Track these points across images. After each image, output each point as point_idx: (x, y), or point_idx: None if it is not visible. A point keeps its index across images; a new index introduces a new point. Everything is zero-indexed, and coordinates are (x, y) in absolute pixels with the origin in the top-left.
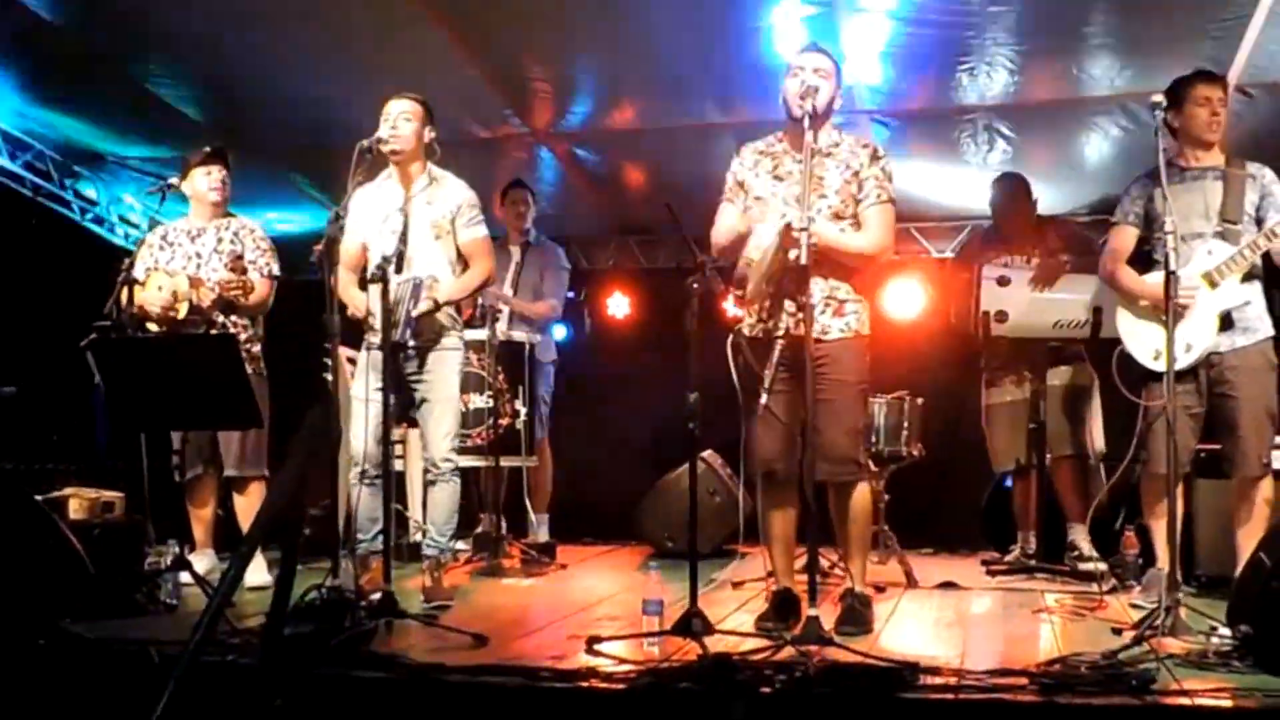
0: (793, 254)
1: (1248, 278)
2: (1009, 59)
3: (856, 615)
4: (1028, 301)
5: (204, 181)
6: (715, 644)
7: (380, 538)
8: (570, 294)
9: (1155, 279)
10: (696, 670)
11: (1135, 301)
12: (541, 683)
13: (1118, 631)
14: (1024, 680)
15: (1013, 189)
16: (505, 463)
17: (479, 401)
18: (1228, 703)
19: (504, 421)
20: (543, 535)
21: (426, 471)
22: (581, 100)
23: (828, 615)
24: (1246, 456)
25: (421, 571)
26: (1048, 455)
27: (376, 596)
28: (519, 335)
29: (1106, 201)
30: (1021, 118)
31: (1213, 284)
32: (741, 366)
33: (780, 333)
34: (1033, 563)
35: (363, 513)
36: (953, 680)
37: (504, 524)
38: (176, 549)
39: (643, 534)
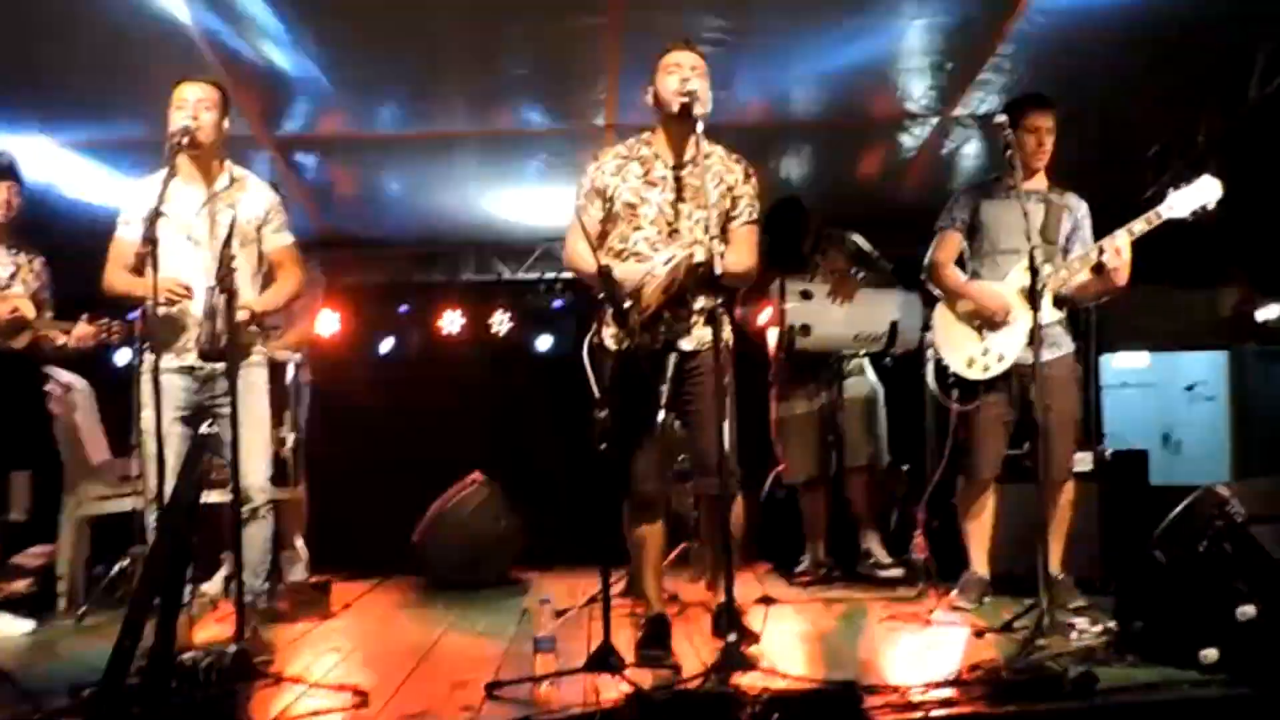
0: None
1: (1058, 302)
2: None
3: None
4: (830, 315)
5: None
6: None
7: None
8: None
9: (982, 285)
10: (659, 708)
11: (956, 305)
12: None
13: (981, 634)
14: (957, 692)
15: (800, 208)
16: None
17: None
18: (1163, 696)
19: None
20: (299, 573)
21: (240, 506)
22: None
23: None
24: (1053, 460)
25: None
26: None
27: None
28: (281, 354)
29: None
30: None
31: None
32: (616, 380)
33: (666, 345)
34: (835, 573)
35: None
36: (895, 698)
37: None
38: None
39: (423, 565)
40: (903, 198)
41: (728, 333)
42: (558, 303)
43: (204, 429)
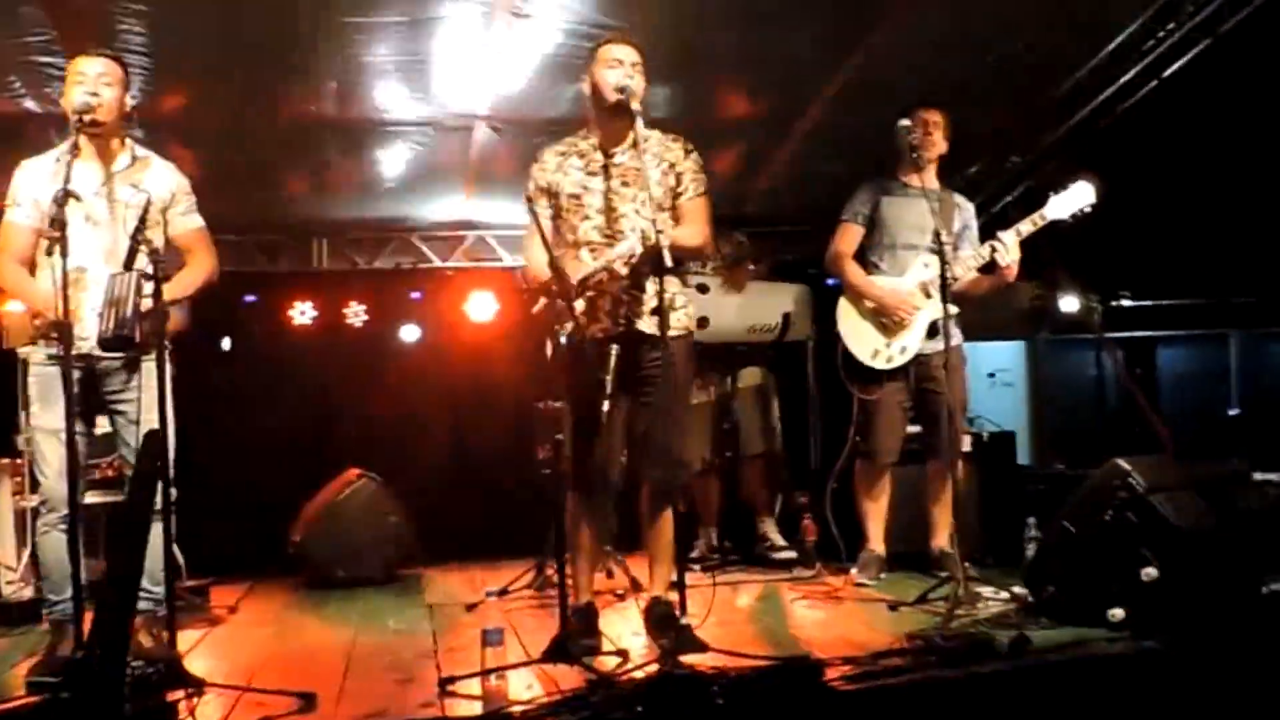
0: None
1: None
2: None
3: (674, 620)
4: (725, 307)
5: None
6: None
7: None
8: None
9: (883, 282)
10: (642, 691)
11: (860, 301)
12: None
13: (894, 608)
14: (907, 660)
15: None
16: None
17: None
18: (1084, 653)
19: None
20: None
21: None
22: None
23: (623, 625)
24: (944, 442)
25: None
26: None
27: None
28: None
29: None
30: None
31: (927, 295)
32: (570, 370)
33: (619, 331)
34: (733, 557)
35: (57, 568)
36: (849, 670)
37: None
38: None
39: (304, 564)
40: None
41: (686, 316)
42: (416, 294)
43: (102, 427)
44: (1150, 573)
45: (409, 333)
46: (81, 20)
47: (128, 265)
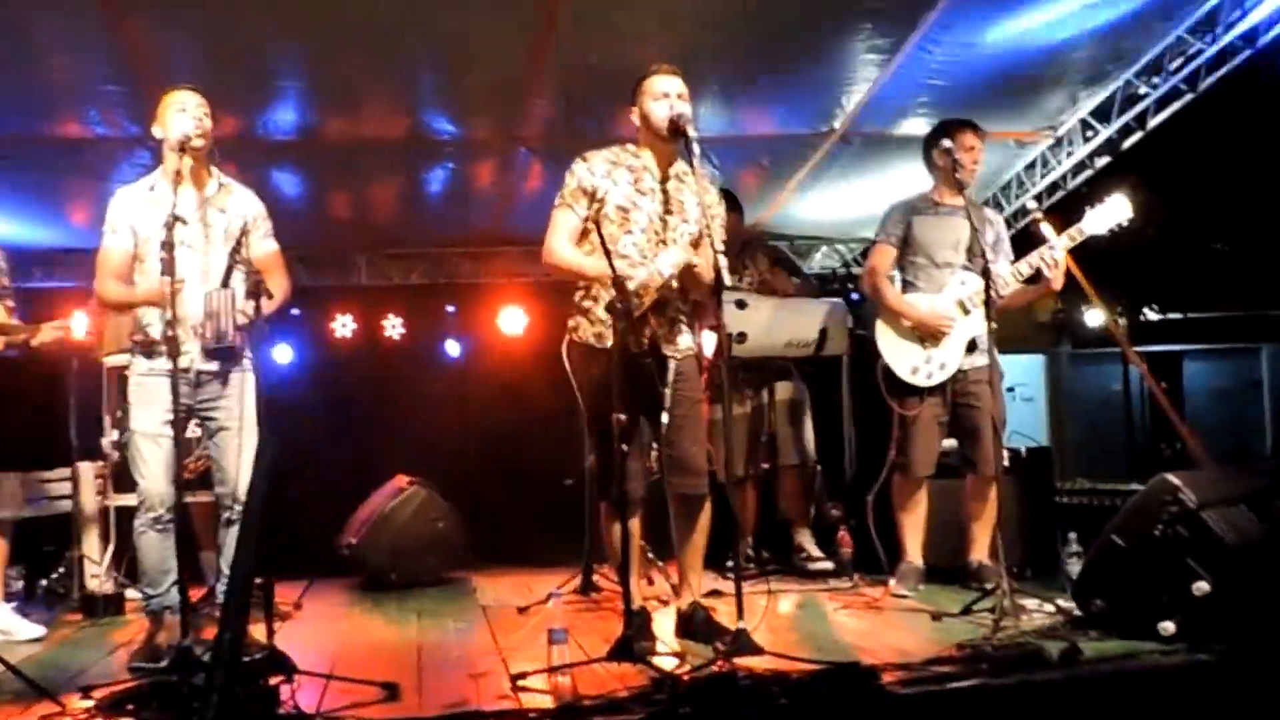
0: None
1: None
2: None
3: (714, 625)
4: (764, 323)
5: None
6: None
7: (175, 589)
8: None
9: (921, 300)
10: (707, 691)
11: (899, 320)
12: None
13: (937, 618)
14: (959, 668)
15: (735, 207)
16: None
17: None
18: (1135, 665)
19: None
20: None
21: (223, 509)
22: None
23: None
24: (986, 459)
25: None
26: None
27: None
28: None
29: None
30: None
31: (965, 311)
32: (599, 381)
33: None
34: (769, 567)
35: (153, 563)
36: (904, 675)
37: None
38: None
39: (361, 565)
40: None
41: (689, 340)
42: (451, 308)
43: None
44: (1202, 587)
45: (446, 345)
46: (148, 51)
47: (225, 283)
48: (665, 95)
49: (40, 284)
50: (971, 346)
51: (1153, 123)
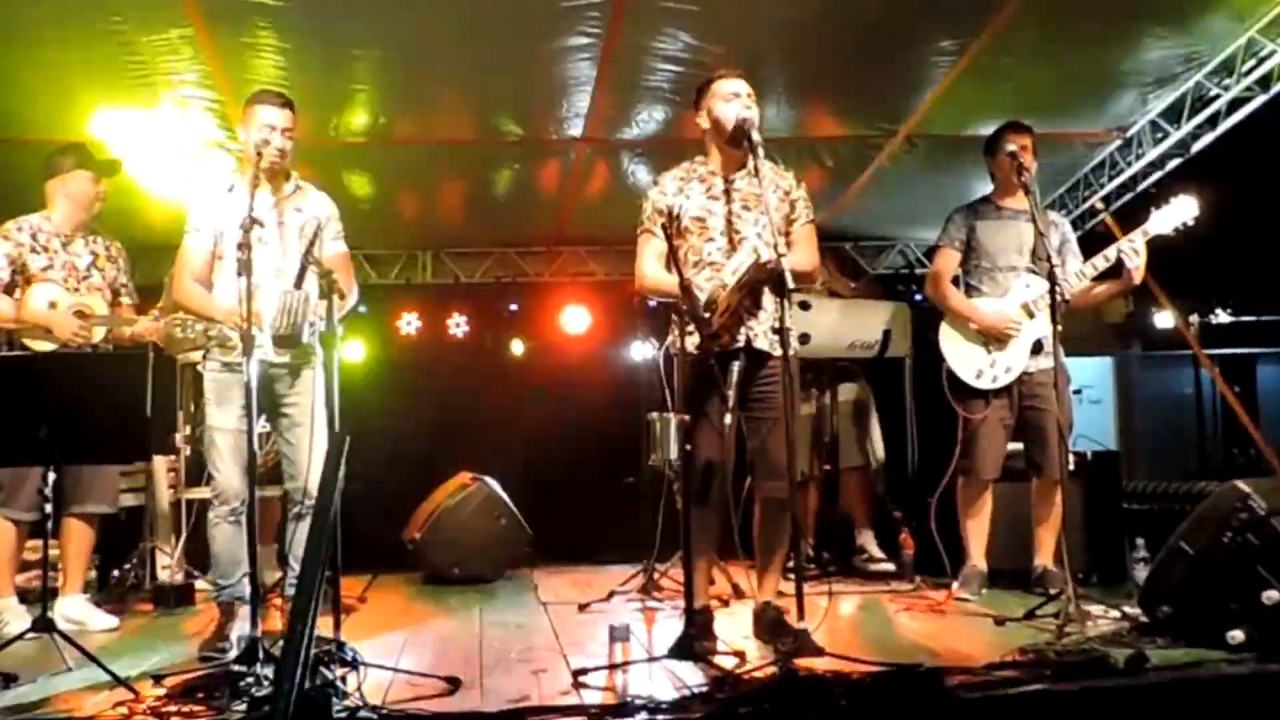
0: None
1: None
2: None
3: (781, 625)
4: (828, 324)
5: (90, 189)
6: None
7: (245, 581)
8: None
9: (985, 304)
10: (767, 690)
11: (964, 323)
12: (607, 718)
13: (1000, 622)
14: (1022, 672)
15: None
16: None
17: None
18: (1202, 674)
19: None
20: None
21: (293, 504)
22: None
23: (732, 629)
24: (1052, 461)
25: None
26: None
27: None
28: None
29: None
30: None
31: (1030, 315)
32: (692, 383)
33: (739, 346)
34: (831, 568)
35: (226, 555)
36: (967, 678)
37: None
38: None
39: (424, 560)
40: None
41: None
42: (513, 306)
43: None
44: (1272, 595)
45: (509, 343)
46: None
47: (298, 283)
48: (735, 96)
49: None
50: (1037, 349)
51: (1225, 124)
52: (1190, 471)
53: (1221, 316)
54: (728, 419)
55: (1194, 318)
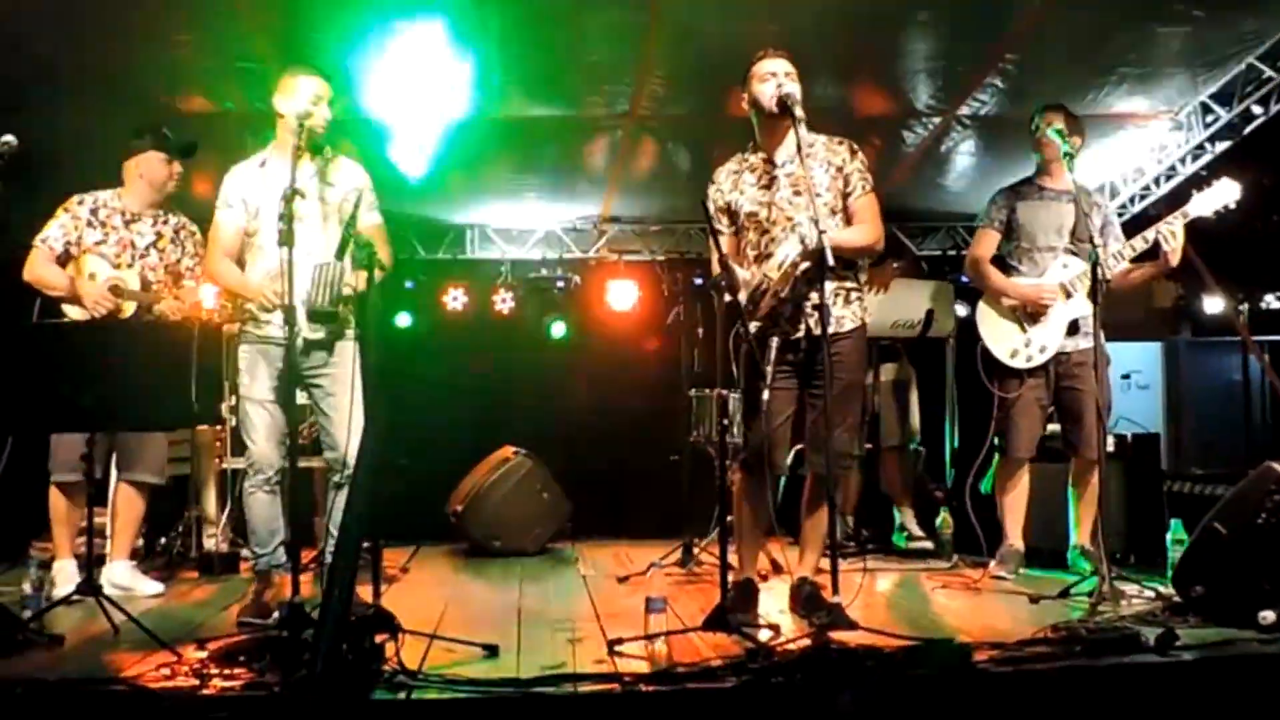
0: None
1: (1091, 293)
2: None
3: (817, 599)
4: (869, 304)
5: (163, 170)
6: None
7: (282, 549)
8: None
9: (1023, 282)
10: (799, 661)
11: (999, 301)
12: (640, 686)
13: (1035, 600)
14: (1053, 648)
15: None
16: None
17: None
18: (1232, 652)
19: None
20: None
21: (333, 473)
22: None
23: (769, 603)
24: (1089, 441)
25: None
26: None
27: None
28: None
29: None
30: None
31: (1067, 295)
32: (748, 361)
33: (797, 332)
34: (870, 546)
35: (262, 524)
36: (997, 654)
37: None
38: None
39: (466, 534)
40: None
41: (861, 309)
42: (560, 284)
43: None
44: None
45: (554, 320)
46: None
47: (339, 255)
48: (772, 75)
49: None
50: (1074, 329)
51: (1277, 107)
52: (1237, 459)
53: (1272, 303)
54: (765, 395)
55: (1244, 304)
